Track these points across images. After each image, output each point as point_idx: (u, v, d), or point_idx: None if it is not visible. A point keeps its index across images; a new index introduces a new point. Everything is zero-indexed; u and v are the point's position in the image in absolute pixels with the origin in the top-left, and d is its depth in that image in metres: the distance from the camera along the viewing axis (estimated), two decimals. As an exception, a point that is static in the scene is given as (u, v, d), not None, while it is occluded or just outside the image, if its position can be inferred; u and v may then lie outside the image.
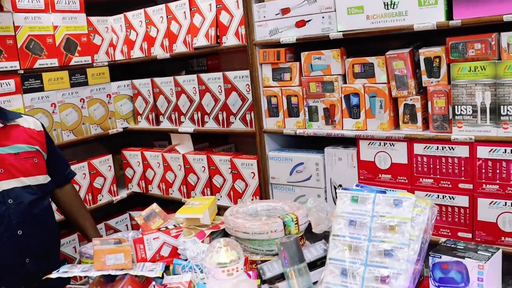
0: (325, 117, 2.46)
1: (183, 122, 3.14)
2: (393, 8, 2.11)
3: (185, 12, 2.96)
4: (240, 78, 2.77)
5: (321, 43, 2.44)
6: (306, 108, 2.51)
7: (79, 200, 2.43)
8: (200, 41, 2.90)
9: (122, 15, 3.35)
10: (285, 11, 2.46)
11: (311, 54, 2.44)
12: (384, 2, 2.13)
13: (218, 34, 2.82)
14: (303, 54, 2.47)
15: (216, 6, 2.79)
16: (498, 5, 1.88)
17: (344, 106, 2.38)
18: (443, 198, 2.14)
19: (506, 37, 1.90)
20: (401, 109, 2.23)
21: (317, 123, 2.49)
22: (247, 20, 2.60)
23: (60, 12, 3.09)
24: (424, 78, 2.14)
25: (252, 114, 2.75)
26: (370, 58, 2.27)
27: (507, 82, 1.90)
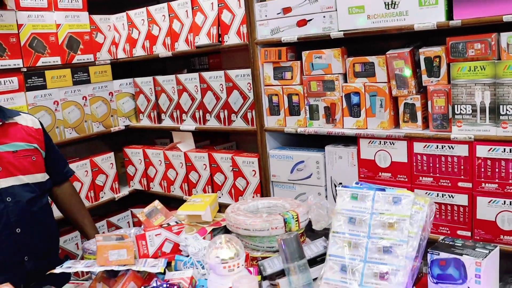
0: (325, 115, 2.47)
1: (185, 120, 3.15)
2: (393, 8, 2.12)
3: (187, 10, 2.97)
4: (241, 76, 2.78)
5: (322, 43, 2.44)
6: (307, 106, 2.52)
7: (78, 198, 2.42)
8: (202, 39, 2.92)
9: (124, 14, 3.36)
10: (286, 11, 2.47)
11: (312, 53, 2.45)
12: (384, 2, 2.14)
13: (220, 33, 2.83)
14: (304, 53, 2.48)
15: (218, 5, 2.80)
16: (498, 5, 1.88)
17: (344, 105, 2.39)
18: (443, 196, 2.15)
19: (506, 37, 1.91)
20: (401, 108, 2.24)
21: (317, 122, 2.51)
22: (249, 19, 2.61)
23: (63, 10, 3.10)
24: (424, 77, 2.14)
25: (253, 112, 2.76)
26: (371, 58, 2.28)
27: (507, 82, 1.91)
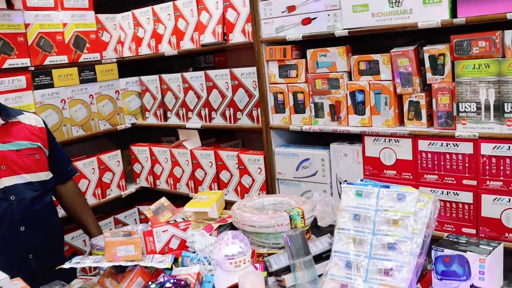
0: (330, 113, 2.48)
1: (191, 118, 3.16)
2: (397, 6, 2.12)
3: (192, 9, 2.98)
4: (247, 74, 2.80)
5: (326, 41, 2.45)
6: (312, 104, 2.53)
7: (81, 197, 2.43)
8: (207, 38, 2.93)
9: (130, 13, 3.38)
10: (291, 9, 2.48)
11: (317, 51, 2.46)
12: (389, 0, 2.14)
13: (225, 31, 2.84)
14: (309, 51, 2.49)
15: (223, 4, 2.81)
16: (502, 3, 1.88)
17: (349, 102, 2.40)
18: (447, 194, 2.16)
19: (510, 35, 1.91)
20: (405, 106, 2.24)
21: (322, 120, 2.52)
22: (254, 17, 2.62)
23: (69, 10, 3.12)
24: (428, 75, 2.15)
25: (258, 110, 2.77)
26: (375, 56, 2.28)
27: (511, 80, 1.91)
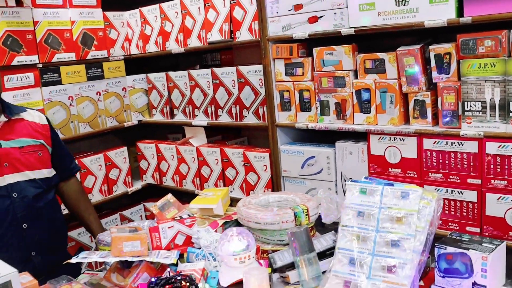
0: (336, 111, 2.49)
1: (197, 115, 3.18)
2: (404, 5, 2.13)
3: (199, 7, 2.99)
4: (253, 72, 2.81)
5: (333, 39, 2.46)
6: (318, 102, 2.54)
7: (84, 195, 2.43)
8: (214, 36, 2.94)
9: (137, 10, 3.40)
10: (297, 7, 2.49)
11: (323, 50, 2.47)
12: (395, -1, 2.16)
13: (231, 29, 2.85)
14: (315, 50, 2.50)
15: (230, 2, 2.82)
16: (508, 2, 1.88)
17: (355, 101, 2.40)
18: (452, 192, 2.16)
19: (516, 34, 1.92)
20: (411, 104, 2.25)
21: (328, 118, 2.52)
22: (261, 15, 2.63)
23: (77, 7, 3.15)
24: (434, 74, 2.15)
25: (264, 108, 2.78)
26: (381, 54, 2.29)
27: (517, 79, 1.92)
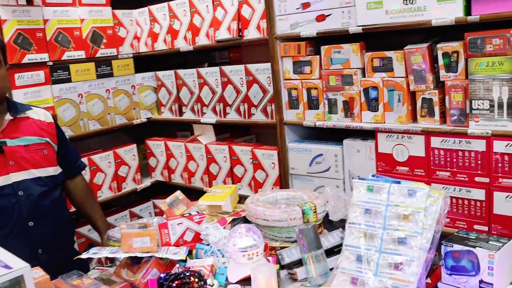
0: (344, 109, 2.49)
1: (206, 113, 3.19)
2: (411, 3, 2.13)
3: (207, 5, 3.01)
4: (261, 70, 2.82)
5: (340, 37, 2.46)
6: (326, 100, 2.55)
7: (90, 193, 2.44)
8: (222, 34, 2.96)
9: (146, 9, 3.42)
10: (305, 6, 2.50)
11: (331, 48, 2.47)
12: (403, -3, 2.16)
13: (240, 27, 2.86)
14: (323, 48, 2.50)
15: (238, 0, 2.83)
16: (516, 0, 1.88)
17: (363, 99, 2.41)
18: (460, 191, 2.16)
19: (524, 32, 1.91)
20: (419, 103, 2.25)
21: (336, 116, 2.53)
22: (268, 13, 2.63)
23: (86, 5, 3.17)
24: (442, 72, 2.15)
25: (272, 106, 2.79)
26: (389, 52, 2.29)
27: (525, 77, 1.91)
